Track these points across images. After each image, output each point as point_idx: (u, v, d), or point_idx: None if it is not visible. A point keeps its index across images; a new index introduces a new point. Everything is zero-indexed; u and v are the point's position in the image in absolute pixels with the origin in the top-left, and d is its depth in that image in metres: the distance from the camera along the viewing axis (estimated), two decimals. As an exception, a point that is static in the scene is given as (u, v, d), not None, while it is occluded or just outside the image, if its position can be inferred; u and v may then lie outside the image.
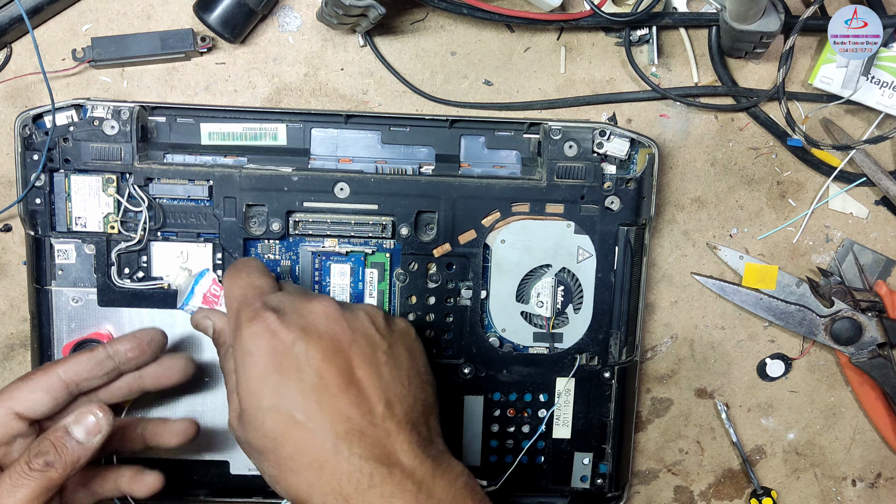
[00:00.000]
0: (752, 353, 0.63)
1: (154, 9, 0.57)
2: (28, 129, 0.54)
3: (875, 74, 0.57)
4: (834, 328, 0.61)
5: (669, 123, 0.60)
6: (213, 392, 0.58)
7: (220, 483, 0.59)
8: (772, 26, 0.54)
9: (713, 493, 0.65)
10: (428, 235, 0.57)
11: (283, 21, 0.58)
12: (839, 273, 0.62)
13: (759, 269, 0.61)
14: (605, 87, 0.60)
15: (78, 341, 0.56)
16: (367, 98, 0.59)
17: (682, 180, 0.61)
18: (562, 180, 0.56)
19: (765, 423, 0.64)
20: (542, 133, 0.56)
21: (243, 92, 0.58)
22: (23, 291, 0.59)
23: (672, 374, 0.63)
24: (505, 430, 0.60)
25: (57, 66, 0.57)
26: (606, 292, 0.58)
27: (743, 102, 0.59)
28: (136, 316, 0.56)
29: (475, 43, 0.59)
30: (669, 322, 0.62)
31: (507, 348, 0.58)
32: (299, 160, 0.56)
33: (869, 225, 0.62)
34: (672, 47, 0.60)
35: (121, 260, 0.56)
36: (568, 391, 0.59)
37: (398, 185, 0.56)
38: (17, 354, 0.60)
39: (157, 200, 0.55)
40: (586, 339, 0.58)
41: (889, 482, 0.65)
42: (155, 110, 0.55)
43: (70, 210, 0.55)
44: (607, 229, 0.57)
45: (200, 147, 0.56)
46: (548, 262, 0.57)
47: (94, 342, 0.55)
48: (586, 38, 0.59)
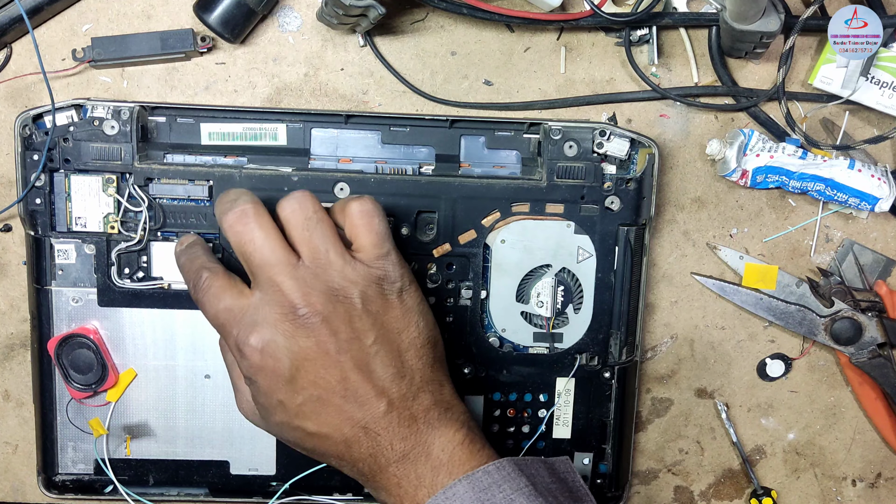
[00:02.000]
0: (752, 353, 0.63)
1: (154, 9, 0.57)
2: (28, 129, 0.54)
3: (875, 74, 0.57)
4: (834, 328, 0.61)
5: (669, 123, 0.60)
6: (213, 391, 0.58)
7: (220, 483, 0.59)
8: (772, 26, 0.54)
9: (713, 493, 0.65)
10: (428, 235, 0.57)
11: (283, 21, 0.58)
12: (839, 273, 0.62)
13: (759, 269, 0.61)
14: (605, 87, 0.60)
15: (64, 336, 0.56)
16: (367, 98, 0.59)
17: (682, 180, 0.61)
18: (562, 180, 0.56)
19: (765, 423, 0.64)
20: (542, 133, 0.56)
21: (243, 92, 0.58)
22: (23, 291, 0.59)
23: (672, 374, 0.63)
24: (505, 430, 0.60)
25: (57, 66, 0.57)
26: (606, 292, 0.58)
27: (743, 102, 0.59)
28: (136, 316, 0.56)
29: (475, 43, 0.59)
30: (669, 322, 0.62)
31: (507, 348, 0.58)
32: (299, 160, 0.56)
33: (869, 225, 0.62)
34: (672, 47, 0.60)
35: (121, 260, 0.56)
36: (568, 391, 0.59)
37: (398, 185, 0.56)
38: (17, 354, 0.60)
39: (157, 200, 0.55)
40: (586, 339, 0.58)
41: (889, 482, 0.65)
42: (155, 110, 0.55)
43: (70, 210, 0.55)
44: (607, 229, 0.57)
45: (200, 147, 0.56)
46: (548, 262, 0.57)
47: (80, 336, 0.56)
48: (586, 38, 0.59)
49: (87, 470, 0.59)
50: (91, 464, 0.59)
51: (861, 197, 0.57)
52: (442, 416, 0.46)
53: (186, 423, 0.58)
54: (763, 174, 0.58)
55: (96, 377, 0.57)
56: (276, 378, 0.45)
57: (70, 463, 0.58)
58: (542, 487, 0.45)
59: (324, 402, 0.45)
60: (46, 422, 0.58)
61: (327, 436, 0.46)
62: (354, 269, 0.46)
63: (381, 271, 0.47)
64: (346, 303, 0.45)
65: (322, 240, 0.46)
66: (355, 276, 0.46)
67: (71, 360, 0.56)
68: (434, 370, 0.48)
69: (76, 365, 0.56)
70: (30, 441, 0.60)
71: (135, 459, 0.58)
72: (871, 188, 0.57)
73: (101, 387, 0.57)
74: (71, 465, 0.59)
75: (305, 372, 0.45)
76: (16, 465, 0.62)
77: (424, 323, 0.48)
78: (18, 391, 0.60)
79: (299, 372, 0.45)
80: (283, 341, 0.45)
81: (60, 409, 0.57)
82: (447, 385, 0.48)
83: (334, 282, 0.45)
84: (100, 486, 0.59)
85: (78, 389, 0.57)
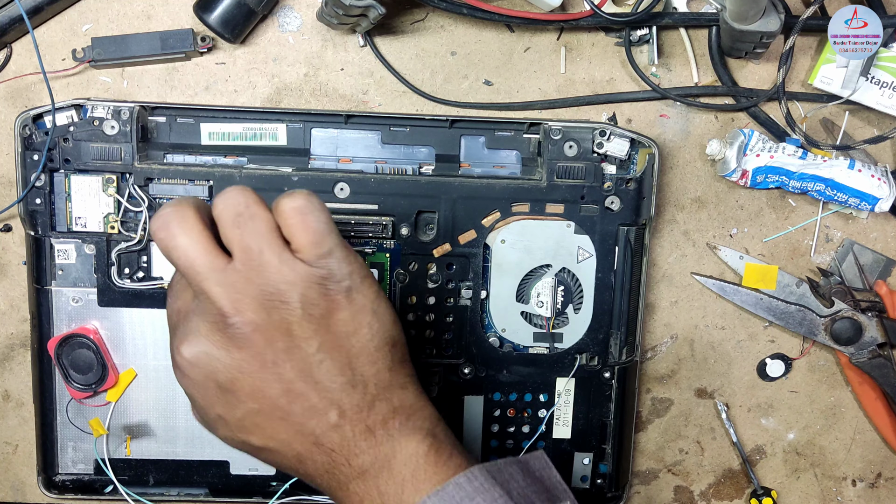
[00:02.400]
0: (752, 353, 0.63)
1: (154, 9, 0.57)
2: (28, 129, 0.54)
3: (875, 74, 0.57)
4: (834, 328, 0.61)
5: (669, 123, 0.60)
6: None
7: (220, 483, 0.59)
8: (772, 26, 0.54)
9: (713, 494, 0.65)
10: (428, 235, 0.57)
11: (283, 21, 0.58)
12: (839, 273, 0.62)
13: (759, 269, 0.61)
14: (605, 87, 0.60)
15: (64, 336, 0.56)
16: (367, 98, 0.59)
17: (682, 180, 0.61)
18: (562, 180, 0.56)
19: (765, 423, 0.64)
20: (542, 133, 0.56)
21: (243, 92, 0.58)
22: (23, 291, 0.59)
23: (672, 374, 0.63)
24: (505, 430, 0.60)
25: (57, 66, 0.57)
26: (606, 292, 0.58)
27: (743, 102, 0.59)
28: (136, 316, 0.56)
29: (475, 43, 0.59)
30: (669, 322, 0.62)
31: (507, 348, 0.58)
32: (299, 160, 0.56)
33: (869, 225, 0.62)
34: (672, 47, 0.60)
35: (121, 260, 0.56)
36: (568, 391, 0.59)
37: (398, 185, 0.56)
38: (17, 354, 0.60)
39: (158, 200, 0.55)
40: (586, 339, 0.58)
41: (889, 482, 0.65)
42: (155, 110, 0.55)
43: (70, 210, 0.55)
44: (607, 229, 0.57)
45: (200, 147, 0.56)
46: (548, 262, 0.57)
47: (80, 336, 0.56)
48: (586, 38, 0.59)
49: (87, 470, 0.59)
50: (91, 464, 0.59)
51: (861, 197, 0.57)
52: (403, 425, 0.42)
53: (186, 423, 0.58)
54: (763, 174, 0.58)
55: (96, 377, 0.57)
56: (211, 392, 0.42)
57: (70, 463, 0.58)
58: (518, 494, 0.42)
59: (266, 415, 0.41)
60: (46, 422, 0.58)
61: (276, 450, 0.42)
62: (293, 270, 0.41)
63: (325, 270, 0.42)
64: (284, 308, 0.41)
65: (255, 238, 0.41)
66: (294, 277, 0.41)
67: (71, 360, 0.56)
68: (393, 373, 0.43)
69: (76, 365, 0.56)
70: (30, 441, 0.60)
71: (135, 459, 0.58)
72: (871, 188, 0.57)
73: (101, 387, 0.57)
74: (71, 465, 0.59)
75: (242, 385, 0.41)
76: (16, 465, 0.62)
77: (379, 324, 0.43)
78: (18, 391, 0.60)
79: (235, 385, 0.41)
80: (216, 353, 0.41)
81: (60, 409, 0.57)
82: (410, 387, 0.44)
83: (269, 285, 0.41)
84: (100, 486, 0.59)
85: (78, 389, 0.57)
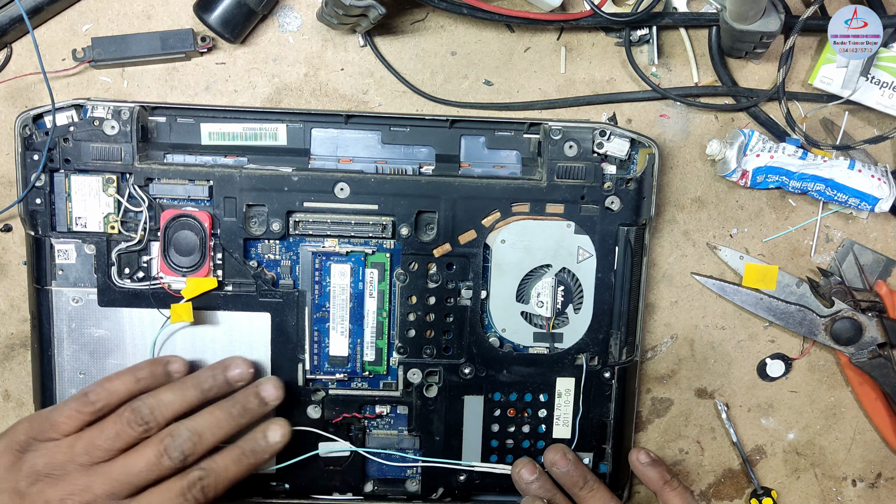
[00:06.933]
0: (753, 353, 0.63)
1: (154, 9, 0.57)
2: (28, 129, 0.54)
3: (875, 74, 0.58)
4: (834, 328, 0.61)
5: (669, 123, 0.60)
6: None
7: (221, 483, 0.59)
8: (772, 26, 0.54)
9: (713, 493, 0.65)
10: (428, 235, 0.57)
11: (283, 21, 0.58)
12: (839, 273, 0.62)
13: (759, 269, 0.61)
14: (605, 87, 0.60)
15: (178, 213, 0.55)
16: (367, 98, 0.59)
17: (682, 180, 0.61)
18: (562, 180, 0.56)
19: (765, 423, 0.64)
20: (543, 133, 0.57)
21: (243, 92, 0.58)
22: (23, 291, 0.59)
23: (672, 374, 0.63)
24: (505, 430, 0.60)
25: (57, 66, 0.57)
26: (606, 292, 0.58)
27: (743, 102, 0.59)
28: (136, 316, 0.56)
29: (475, 43, 0.59)
30: (669, 322, 0.62)
31: (508, 348, 0.58)
32: (299, 160, 0.56)
33: (869, 225, 0.62)
34: (672, 47, 0.60)
35: (121, 260, 0.56)
36: (568, 391, 0.59)
37: (398, 185, 0.56)
38: (17, 354, 0.60)
39: (158, 200, 0.55)
40: (586, 339, 0.58)
41: (889, 482, 0.65)
42: (155, 110, 0.55)
43: (70, 210, 0.55)
44: (607, 229, 0.57)
45: (200, 147, 0.56)
46: (548, 262, 0.57)
47: (191, 218, 0.55)
48: (586, 38, 0.59)
49: (87, 470, 0.59)
50: (91, 464, 0.58)
51: (861, 197, 0.57)
52: None
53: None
54: (763, 174, 0.58)
55: (193, 262, 0.55)
56: None
57: (70, 463, 0.58)
58: None
59: None
60: (46, 422, 0.58)
61: None
62: None
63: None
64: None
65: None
66: None
67: (175, 239, 0.55)
68: None
69: (178, 245, 0.55)
70: (30, 441, 0.60)
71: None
72: (871, 188, 0.57)
73: (192, 273, 0.56)
74: (71, 465, 0.59)
75: None
76: (16, 465, 0.62)
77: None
78: (18, 391, 0.60)
79: None
80: None
81: (60, 409, 0.57)
82: None
83: None
84: (100, 486, 0.59)
85: (171, 268, 0.55)
